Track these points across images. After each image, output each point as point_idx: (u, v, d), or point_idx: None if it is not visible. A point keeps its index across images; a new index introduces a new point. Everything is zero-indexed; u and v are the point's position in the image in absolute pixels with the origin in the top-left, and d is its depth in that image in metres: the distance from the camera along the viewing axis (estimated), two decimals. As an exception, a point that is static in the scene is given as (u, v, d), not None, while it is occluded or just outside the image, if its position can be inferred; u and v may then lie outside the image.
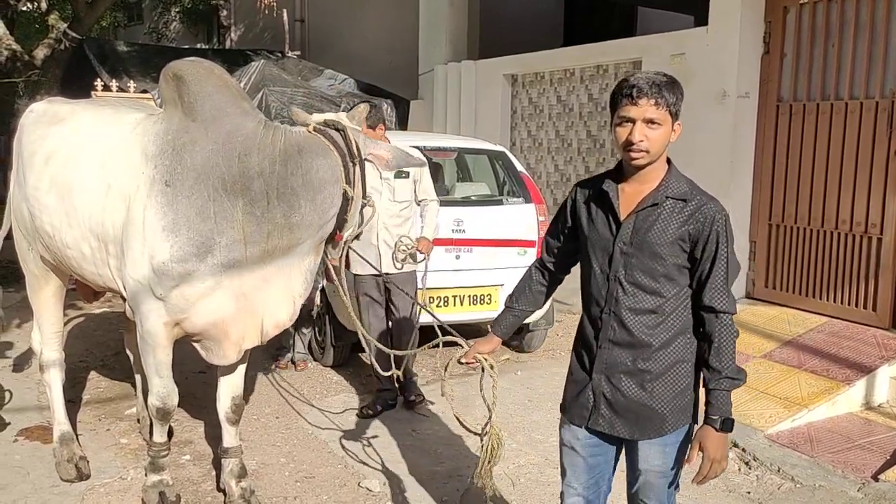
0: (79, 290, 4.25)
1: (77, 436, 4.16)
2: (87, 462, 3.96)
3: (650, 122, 2.20)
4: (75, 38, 10.27)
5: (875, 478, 4.01)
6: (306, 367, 5.79)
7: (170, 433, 3.90)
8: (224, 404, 3.67)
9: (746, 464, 4.26)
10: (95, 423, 4.63)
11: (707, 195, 2.31)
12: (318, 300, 5.60)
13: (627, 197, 2.32)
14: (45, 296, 4.04)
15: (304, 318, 5.61)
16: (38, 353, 4.13)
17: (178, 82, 3.23)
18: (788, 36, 6.28)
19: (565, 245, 2.54)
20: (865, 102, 5.71)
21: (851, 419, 4.77)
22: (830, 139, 5.97)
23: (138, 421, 4.49)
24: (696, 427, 2.36)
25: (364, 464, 4.14)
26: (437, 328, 3.27)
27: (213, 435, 4.43)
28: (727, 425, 2.27)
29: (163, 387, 3.42)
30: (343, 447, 4.35)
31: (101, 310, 6.60)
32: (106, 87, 8.59)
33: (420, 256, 4.86)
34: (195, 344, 3.47)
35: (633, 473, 2.46)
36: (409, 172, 4.77)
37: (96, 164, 3.38)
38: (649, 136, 2.20)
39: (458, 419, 2.85)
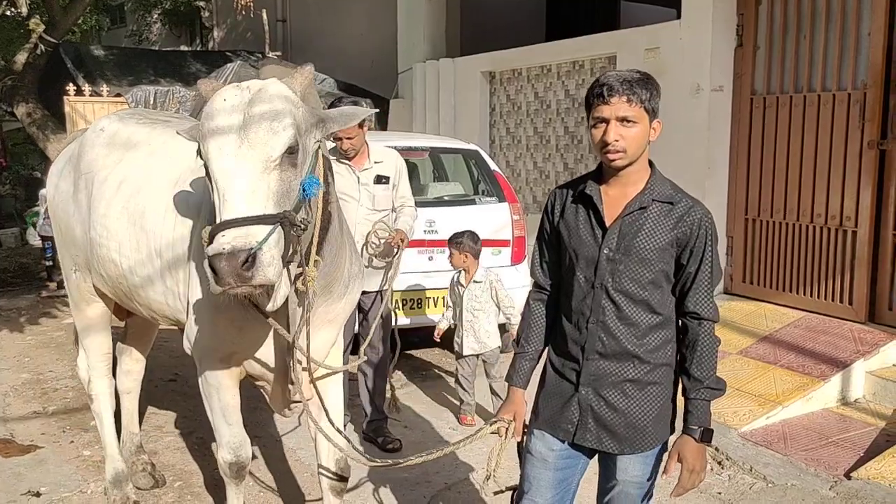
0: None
1: (40, 448, 4.08)
2: None
3: (624, 120, 2.11)
4: (51, 43, 10.19)
5: (847, 475, 3.96)
6: (473, 423, 4.75)
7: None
8: (326, 469, 3.07)
9: (719, 463, 4.21)
10: (59, 435, 4.56)
11: (691, 198, 2.23)
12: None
13: (611, 200, 2.22)
14: (91, 314, 3.62)
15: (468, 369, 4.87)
16: (86, 382, 3.74)
17: None
18: (761, 28, 6.23)
19: (555, 255, 2.38)
20: (838, 94, 5.66)
21: (827, 415, 4.72)
22: (804, 132, 5.92)
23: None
24: (674, 437, 2.29)
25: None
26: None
27: (178, 446, 4.38)
28: (707, 436, 2.21)
29: (233, 435, 2.94)
30: (308, 456, 4.28)
31: (70, 321, 6.51)
32: (79, 92, 8.53)
33: (393, 250, 4.27)
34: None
35: (607, 483, 2.37)
36: (388, 177, 4.37)
37: (180, 186, 3.06)
38: (625, 136, 2.11)
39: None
